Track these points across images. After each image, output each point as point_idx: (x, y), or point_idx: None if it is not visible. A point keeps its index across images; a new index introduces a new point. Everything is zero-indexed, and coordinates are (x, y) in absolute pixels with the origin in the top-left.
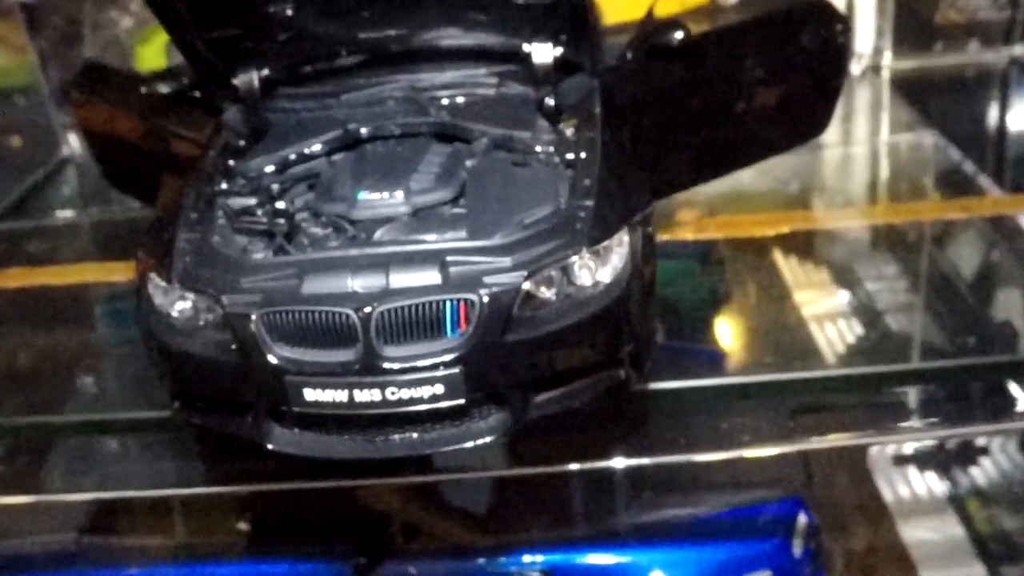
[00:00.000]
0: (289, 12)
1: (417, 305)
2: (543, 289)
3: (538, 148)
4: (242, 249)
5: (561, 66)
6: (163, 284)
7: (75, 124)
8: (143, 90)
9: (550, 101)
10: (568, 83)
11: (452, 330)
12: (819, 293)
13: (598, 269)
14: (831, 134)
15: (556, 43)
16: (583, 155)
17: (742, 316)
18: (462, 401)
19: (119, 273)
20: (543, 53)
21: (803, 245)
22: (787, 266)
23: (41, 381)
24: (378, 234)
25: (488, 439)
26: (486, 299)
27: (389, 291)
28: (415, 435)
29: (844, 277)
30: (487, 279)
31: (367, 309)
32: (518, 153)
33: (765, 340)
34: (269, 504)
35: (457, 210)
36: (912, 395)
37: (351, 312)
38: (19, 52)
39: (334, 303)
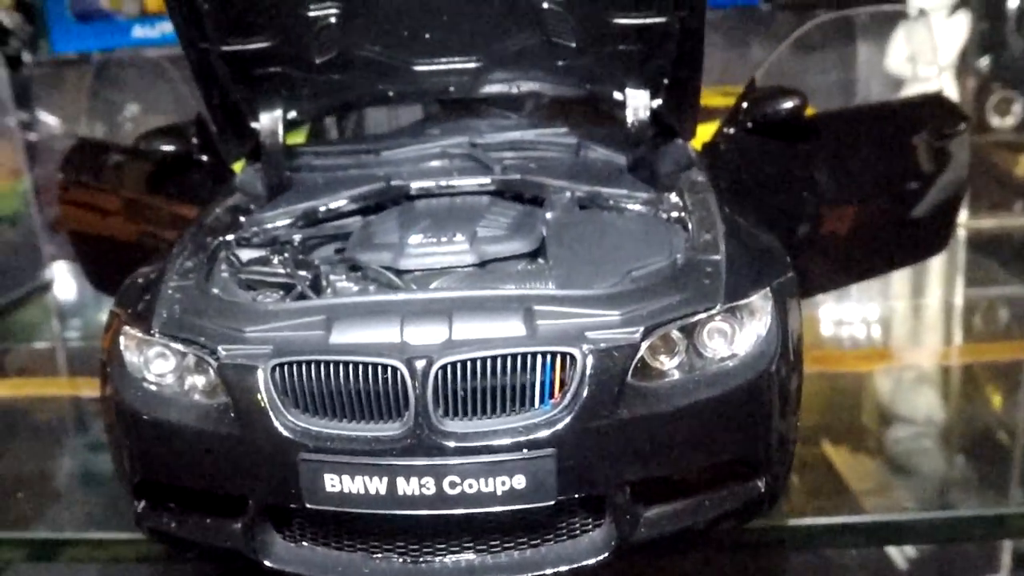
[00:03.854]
0: (332, 21)
1: (494, 361)
2: (663, 359)
3: (636, 206)
4: (249, 299)
5: (655, 130)
6: (139, 336)
7: (60, 219)
8: (141, 146)
9: (645, 164)
10: (664, 149)
11: (543, 400)
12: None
13: (735, 335)
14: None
15: (655, 92)
16: (697, 213)
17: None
18: (551, 503)
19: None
20: (638, 103)
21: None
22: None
23: None
24: (434, 286)
25: (585, 563)
26: (591, 358)
27: (453, 343)
28: (479, 556)
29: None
30: (591, 335)
31: (422, 363)
32: (611, 210)
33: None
34: None
35: (537, 265)
36: None
37: (400, 365)
38: (13, 176)
39: (376, 353)
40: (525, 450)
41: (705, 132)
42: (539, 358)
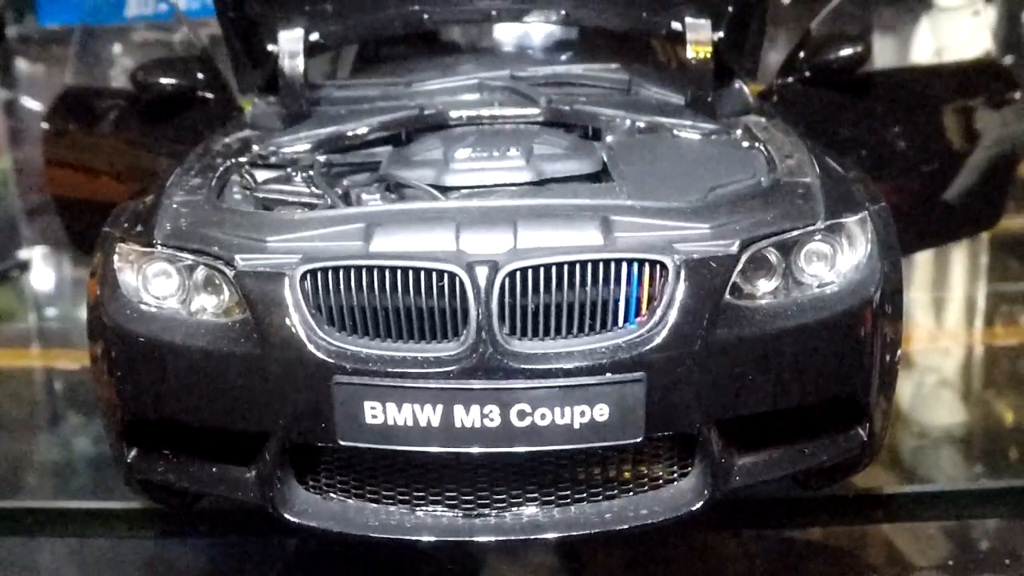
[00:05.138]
0: None
1: (572, 267)
2: (760, 281)
3: (702, 135)
4: (269, 213)
5: (715, 62)
6: (137, 250)
7: (44, 184)
8: (138, 78)
9: (706, 102)
10: (723, 92)
11: (627, 318)
12: None
13: (835, 258)
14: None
15: (717, 23)
16: (776, 143)
17: None
18: (638, 439)
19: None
20: (700, 34)
21: None
22: None
23: None
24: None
25: (672, 517)
26: (683, 270)
27: (519, 252)
28: (545, 510)
29: None
30: (682, 246)
31: (484, 269)
32: (675, 139)
33: None
34: None
35: (605, 184)
36: None
37: (460, 271)
38: None
39: (429, 259)
40: (609, 374)
41: None
42: (624, 268)
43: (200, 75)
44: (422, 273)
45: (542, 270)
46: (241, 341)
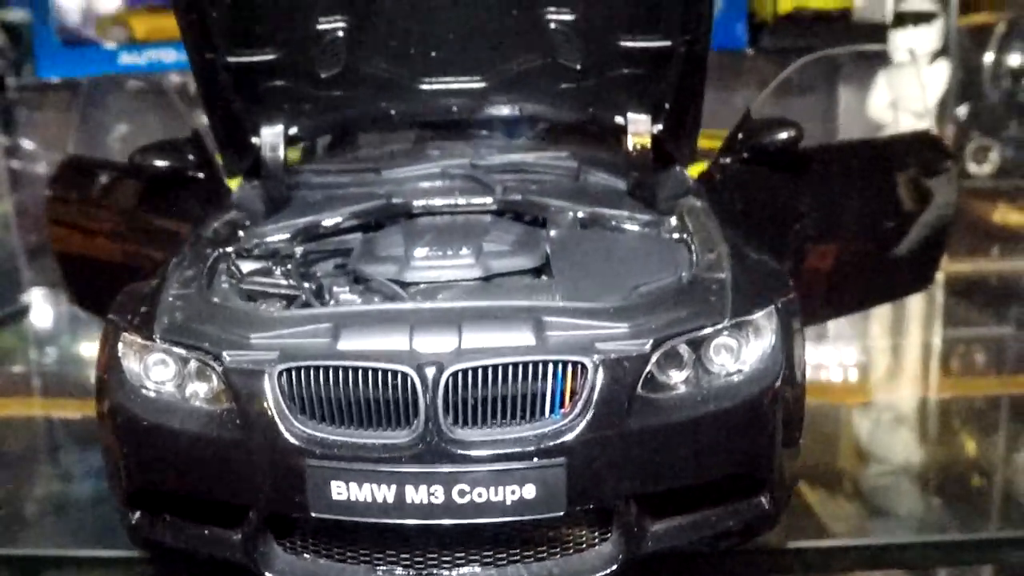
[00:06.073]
0: (339, 35)
1: (505, 368)
2: (671, 371)
3: (637, 227)
4: (253, 308)
5: (654, 155)
6: (139, 342)
7: (46, 238)
8: (135, 160)
9: (645, 189)
10: (662, 176)
11: (553, 409)
12: None
13: (741, 350)
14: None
15: (656, 117)
16: (700, 235)
17: None
18: (561, 513)
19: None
20: (640, 128)
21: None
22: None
23: None
24: (440, 297)
25: None
26: (601, 368)
27: (463, 352)
28: (486, 570)
29: None
30: (601, 345)
31: (432, 370)
32: (614, 231)
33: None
34: None
35: (543, 281)
36: None
37: (411, 372)
38: None
39: (385, 359)
40: (536, 459)
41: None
42: (550, 367)
43: (191, 156)
44: (380, 371)
45: (480, 370)
46: (228, 427)
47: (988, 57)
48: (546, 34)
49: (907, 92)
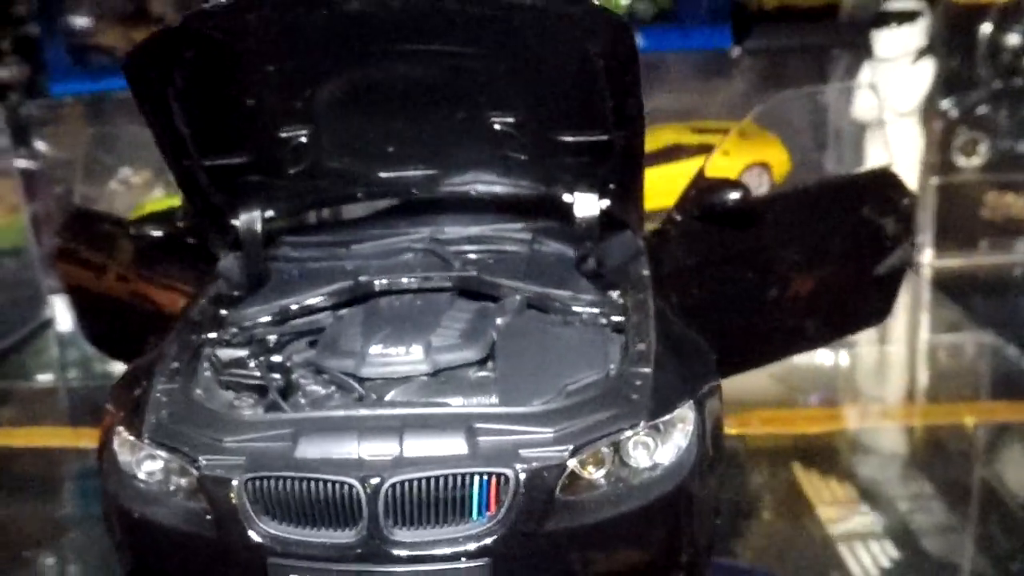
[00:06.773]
0: (303, 140)
1: (437, 479)
2: (591, 469)
3: (580, 309)
4: (228, 405)
5: (605, 222)
6: (131, 439)
7: (57, 277)
8: (132, 231)
9: (592, 260)
10: (612, 242)
11: (479, 512)
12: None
13: (657, 448)
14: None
15: (603, 194)
16: (634, 318)
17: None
18: None
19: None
20: (587, 206)
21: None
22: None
23: None
24: (390, 395)
25: None
26: (523, 476)
27: (403, 460)
28: None
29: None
30: (524, 452)
31: (375, 480)
32: (556, 313)
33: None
34: None
35: (485, 373)
36: None
37: (355, 483)
38: (12, 212)
39: (334, 471)
40: (463, 559)
41: (678, 173)
42: (476, 477)
43: (182, 225)
44: (330, 481)
45: (416, 481)
46: (204, 525)
47: (985, 28)
48: (492, 132)
49: (891, 90)
